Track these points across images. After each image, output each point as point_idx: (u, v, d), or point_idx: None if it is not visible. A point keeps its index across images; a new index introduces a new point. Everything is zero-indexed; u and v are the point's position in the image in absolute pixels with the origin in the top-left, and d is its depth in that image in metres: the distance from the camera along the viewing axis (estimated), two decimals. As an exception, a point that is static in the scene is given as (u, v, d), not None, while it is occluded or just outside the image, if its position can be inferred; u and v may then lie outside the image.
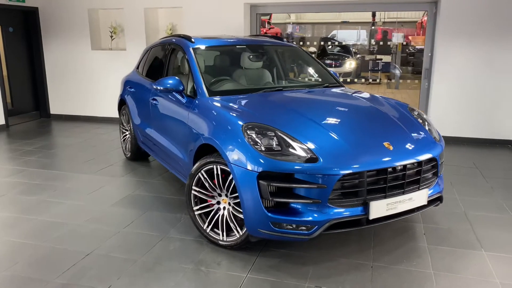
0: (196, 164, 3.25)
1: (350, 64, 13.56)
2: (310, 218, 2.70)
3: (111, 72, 7.91)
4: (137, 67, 5.44)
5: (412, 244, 3.32)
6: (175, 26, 7.72)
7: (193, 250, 3.23)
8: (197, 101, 3.60)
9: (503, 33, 6.06)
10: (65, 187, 4.58)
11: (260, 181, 2.73)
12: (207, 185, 3.23)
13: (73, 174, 5.02)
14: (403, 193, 2.89)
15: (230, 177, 3.05)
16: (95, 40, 8.08)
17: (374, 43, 15.01)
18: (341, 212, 2.73)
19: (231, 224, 3.13)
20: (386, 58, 13.20)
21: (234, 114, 3.15)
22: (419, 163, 2.95)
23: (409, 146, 3.01)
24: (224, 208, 3.20)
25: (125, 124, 5.59)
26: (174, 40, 4.49)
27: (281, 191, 2.75)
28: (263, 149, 2.79)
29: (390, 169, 2.80)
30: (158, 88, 3.79)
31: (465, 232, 3.51)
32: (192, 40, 4.22)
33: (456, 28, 6.23)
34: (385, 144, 2.93)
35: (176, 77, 3.79)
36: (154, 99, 4.37)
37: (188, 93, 3.80)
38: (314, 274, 2.89)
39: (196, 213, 3.34)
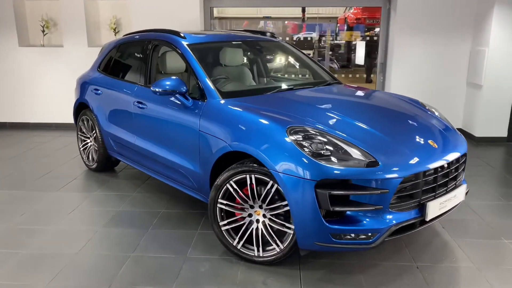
0: (224, 174, 2.92)
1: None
2: (372, 226, 2.54)
3: (46, 72, 6.99)
4: (98, 67, 4.82)
5: (439, 239, 3.34)
6: (119, 20, 7.04)
7: (227, 270, 2.90)
8: (208, 104, 3.23)
9: (455, 29, 6.44)
10: (34, 209, 3.90)
11: (319, 190, 2.50)
12: (237, 196, 2.92)
13: (35, 192, 4.30)
14: (446, 191, 2.86)
15: (268, 187, 2.77)
16: (22, 35, 7.07)
17: (300, 38, 15.26)
18: (400, 216, 2.62)
19: (269, 238, 2.86)
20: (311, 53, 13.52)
21: (270, 118, 2.87)
22: (457, 159, 2.94)
23: (448, 143, 2.99)
24: (257, 220, 2.91)
25: (85, 131, 4.95)
26: (157, 35, 4.02)
27: (339, 200, 2.55)
28: (312, 154, 2.57)
29: (439, 168, 2.75)
30: (157, 90, 3.35)
31: (477, 223, 3.62)
32: (182, 35, 3.81)
33: (411, 24, 6.48)
34: (430, 142, 2.88)
35: (177, 77, 3.38)
36: (139, 103, 3.88)
37: (191, 95, 3.41)
38: (368, 282, 2.75)
39: (223, 228, 3.01)
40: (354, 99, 3.64)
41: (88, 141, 4.96)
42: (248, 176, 2.84)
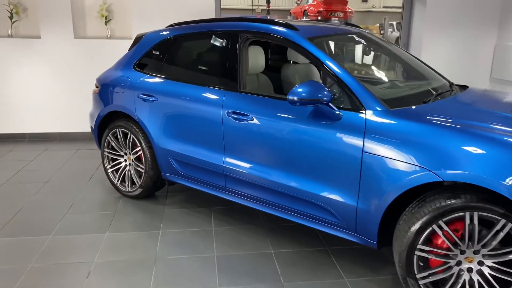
0: (430, 214, 2.20)
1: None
2: None
3: (16, 69, 5.55)
4: (136, 65, 3.75)
5: None
6: (110, 6, 5.79)
7: None
8: (373, 118, 2.46)
9: (480, 23, 6.22)
10: (98, 265, 2.81)
11: None
12: (446, 241, 2.22)
13: (74, 237, 3.18)
14: None
15: (497, 227, 2.11)
16: (-18, 23, 5.56)
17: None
18: None
19: (491, 291, 2.21)
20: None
21: (502, 136, 2.19)
22: None
23: None
24: (469, 269, 2.24)
25: (117, 148, 3.86)
26: (250, 26, 3.12)
27: None
28: None
29: None
30: (296, 99, 2.52)
31: None
32: (291, 25, 2.98)
33: (437, 17, 6.15)
34: None
35: (315, 81, 2.57)
36: (237, 114, 2.96)
37: (337, 105, 2.61)
38: None
39: (421, 282, 2.29)
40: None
41: (122, 160, 3.87)
42: (468, 214, 2.15)
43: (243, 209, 3.60)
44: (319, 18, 14.14)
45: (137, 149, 3.69)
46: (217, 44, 3.30)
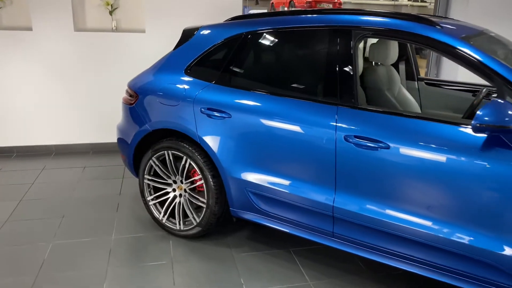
0: None
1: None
2: None
3: (1, 68, 4.49)
4: (191, 69, 2.90)
5: None
6: (115, -6, 4.83)
7: None
8: None
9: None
10: None
11: None
12: None
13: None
14: None
15: None
16: (-46, 10, 4.44)
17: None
18: None
19: None
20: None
21: None
22: None
23: None
24: None
25: (163, 175, 3.02)
26: (367, 22, 2.36)
27: None
28: None
29: None
30: (483, 126, 1.83)
31: None
32: (432, 21, 2.27)
33: (483, 15, 5.63)
34: None
35: (507, 102, 1.88)
36: (360, 138, 2.22)
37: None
38: None
39: None
40: None
41: (169, 190, 3.03)
42: None
43: (330, 251, 2.88)
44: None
45: (195, 178, 2.87)
46: (318, 44, 2.52)
